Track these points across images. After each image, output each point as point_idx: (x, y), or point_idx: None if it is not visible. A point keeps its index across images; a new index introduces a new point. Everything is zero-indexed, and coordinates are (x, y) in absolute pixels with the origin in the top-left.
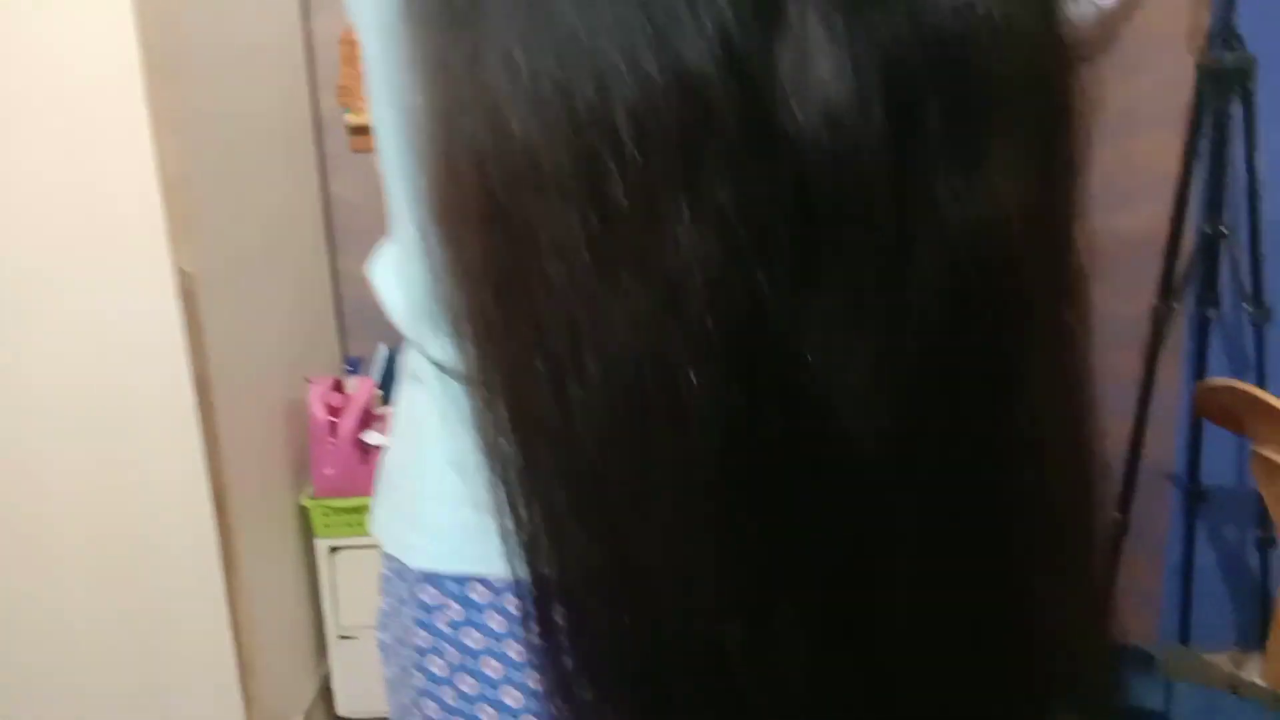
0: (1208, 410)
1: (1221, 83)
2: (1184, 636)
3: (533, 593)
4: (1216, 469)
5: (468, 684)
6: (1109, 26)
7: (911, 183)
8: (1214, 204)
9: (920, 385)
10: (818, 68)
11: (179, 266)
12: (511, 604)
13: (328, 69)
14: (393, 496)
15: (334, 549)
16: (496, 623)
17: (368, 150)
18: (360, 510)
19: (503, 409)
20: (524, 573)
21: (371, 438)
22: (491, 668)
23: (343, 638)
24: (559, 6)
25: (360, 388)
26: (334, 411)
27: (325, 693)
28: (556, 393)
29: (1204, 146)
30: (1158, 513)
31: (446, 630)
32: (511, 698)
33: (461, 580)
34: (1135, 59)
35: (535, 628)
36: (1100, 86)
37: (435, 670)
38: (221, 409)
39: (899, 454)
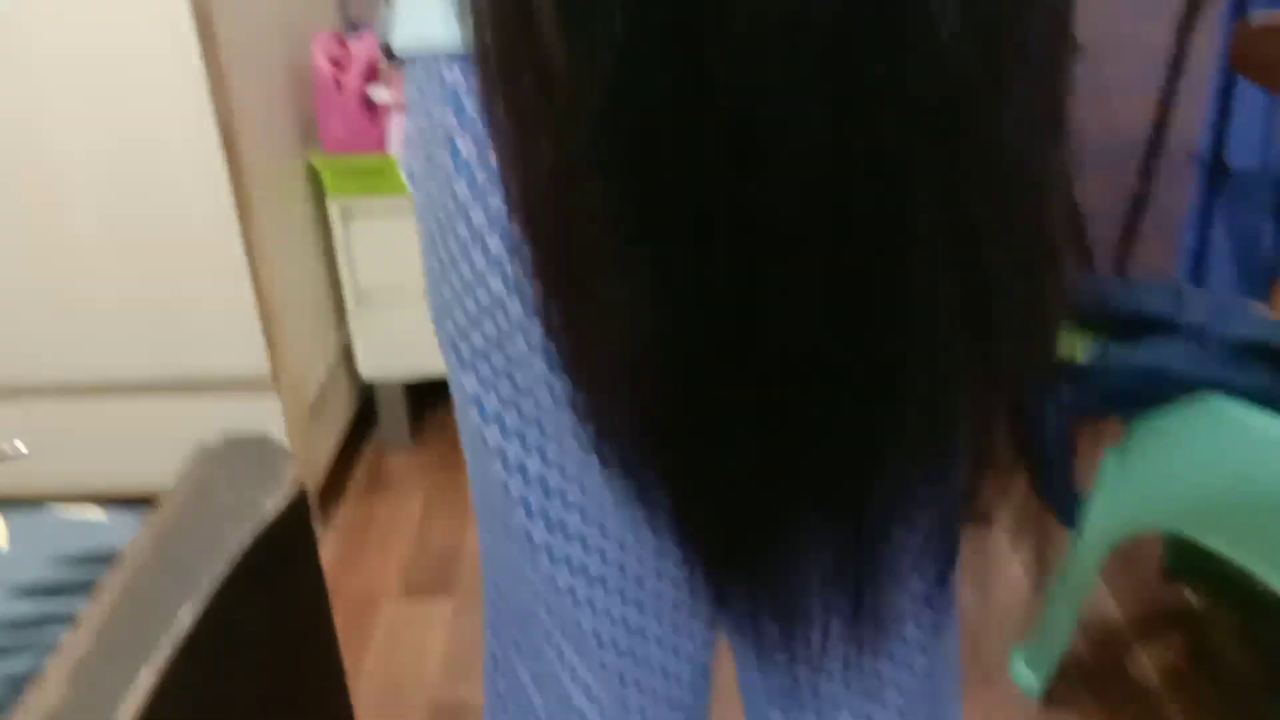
0: (1243, 60)
1: None
2: None
3: None
4: (1243, 150)
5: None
6: None
7: None
8: None
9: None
10: None
11: None
12: None
13: None
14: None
15: (346, 211)
16: None
17: None
18: (371, 171)
19: None
20: None
21: (377, 94)
22: None
23: (361, 302)
24: None
25: (363, 45)
26: (338, 67)
27: (346, 354)
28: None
29: None
30: (1178, 195)
31: (472, 112)
32: None
33: None
34: None
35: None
36: None
37: (463, 151)
38: (227, 59)
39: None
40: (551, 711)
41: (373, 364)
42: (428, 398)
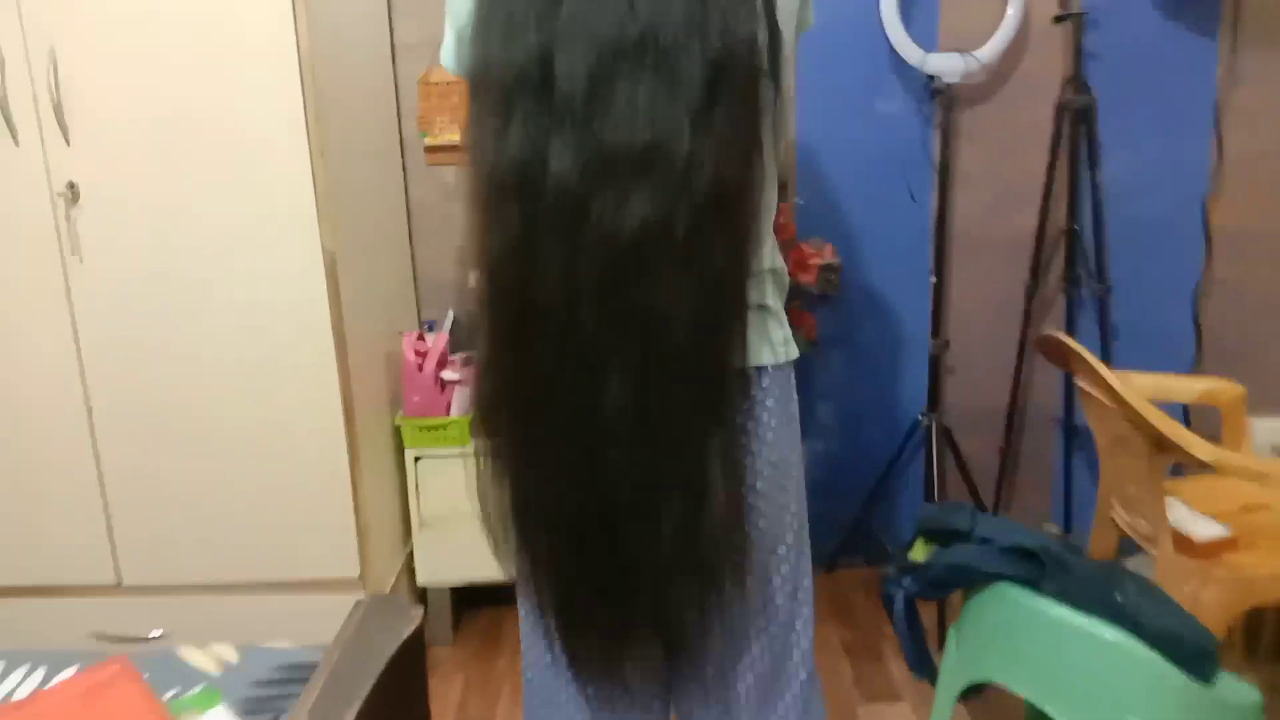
0: (1044, 352)
1: (1073, 117)
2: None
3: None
4: None
5: None
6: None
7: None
8: (1072, 209)
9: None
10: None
11: (324, 246)
12: None
13: (409, 102)
14: None
15: (418, 458)
16: None
17: (438, 164)
18: (439, 428)
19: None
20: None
21: (447, 375)
22: None
23: (423, 526)
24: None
25: (437, 339)
26: (418, 355)
27: (409, 567)
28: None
29: (1062, 165)
30: (1046, 448)
31: None
32: None
33: None
34: (1023, 97)
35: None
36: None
37: None
38: (351, 349)
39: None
40: None
41: (428, 573)
42: (468, 606)
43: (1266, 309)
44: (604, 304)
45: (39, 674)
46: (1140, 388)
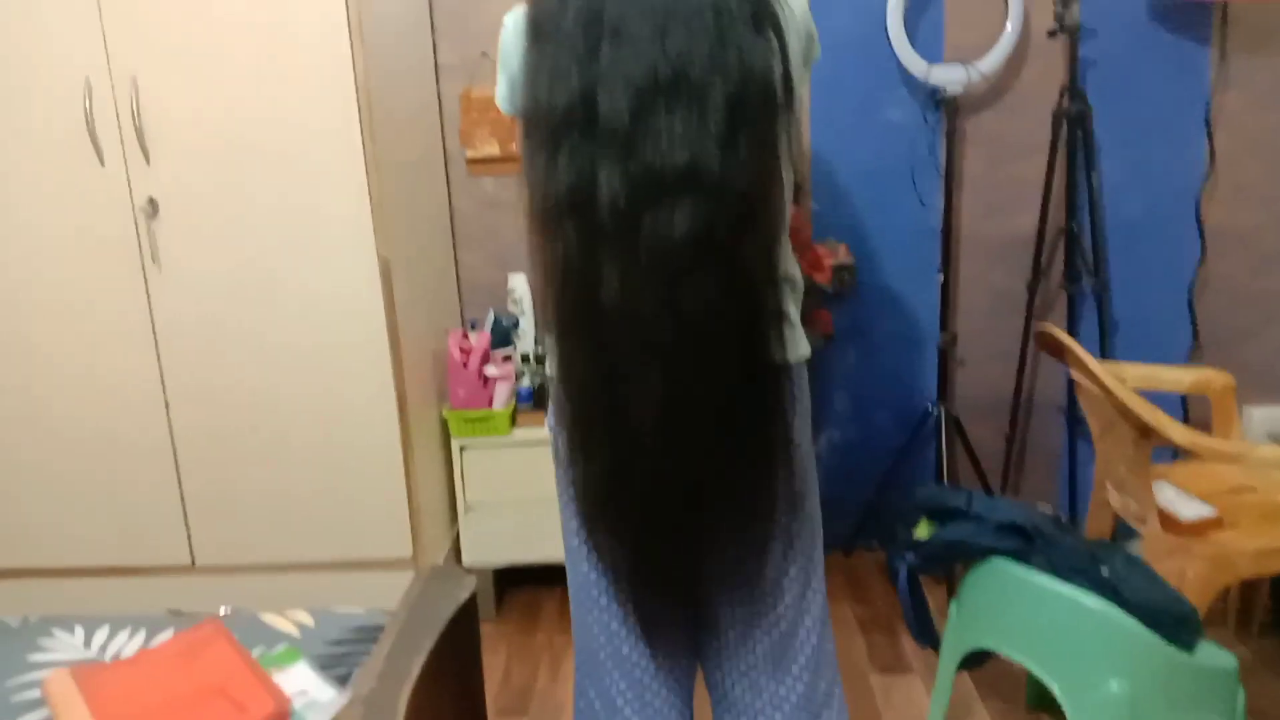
0: (1041, 345)
1: (1070, 124)
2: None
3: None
4: None
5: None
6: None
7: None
8: (1070, 210)
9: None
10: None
11: (379, 253)
12: None
13: (451, 119)
14: None
15: (463, 447)
16: None
17: (479, 175)
18: (482, 419)
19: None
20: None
21: (489, 370)
22: None
23: (468, 510)
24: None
25: (480, 338)
26: (463, 353)
27: (455, 548)
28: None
29: (1060, 168)
30: (1051, 435)
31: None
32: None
33: None
34: (1022, 105)
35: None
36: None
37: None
38: (404, 348)
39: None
40: (607, 711)
41: (473, 554)
42: (509, 585)
43: (1259, 301)
44: (656, 300)
45: (140, 636)
46: (1134, 378)
